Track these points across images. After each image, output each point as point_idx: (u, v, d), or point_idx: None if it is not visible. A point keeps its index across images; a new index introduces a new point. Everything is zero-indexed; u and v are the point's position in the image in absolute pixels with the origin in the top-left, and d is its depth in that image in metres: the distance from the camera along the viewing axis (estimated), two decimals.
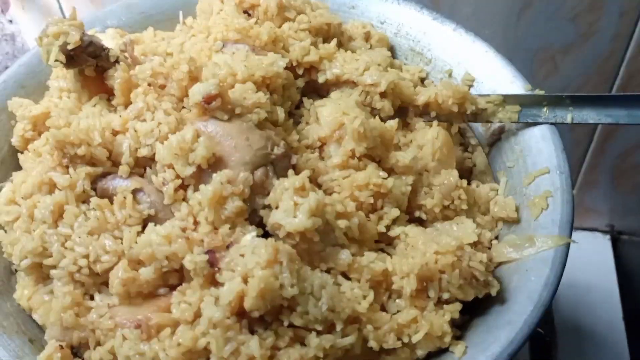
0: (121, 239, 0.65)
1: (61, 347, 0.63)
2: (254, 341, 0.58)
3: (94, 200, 0.66)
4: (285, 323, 0.60)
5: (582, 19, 1.12)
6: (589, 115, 0.75)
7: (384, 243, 0.70)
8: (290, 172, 0.68)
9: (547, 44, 1.17)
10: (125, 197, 0.66)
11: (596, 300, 1.41)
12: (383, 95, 0.77)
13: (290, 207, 0.63)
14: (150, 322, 0.61)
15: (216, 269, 0.61)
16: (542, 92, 0.78)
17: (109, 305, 0.64)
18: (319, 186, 0.70)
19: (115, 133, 0.70)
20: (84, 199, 0.68)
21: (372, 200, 0.68)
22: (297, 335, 0.60)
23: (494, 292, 0.65)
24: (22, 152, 0.78)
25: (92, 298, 0.66)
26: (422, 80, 0.90)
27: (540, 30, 1.15)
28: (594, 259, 1.45)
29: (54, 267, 0.66)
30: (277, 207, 0.65)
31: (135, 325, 0.61)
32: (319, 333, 0.60)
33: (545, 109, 0.76)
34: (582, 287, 1.41)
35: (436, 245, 0.64)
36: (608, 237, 1.49)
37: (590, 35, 1.14)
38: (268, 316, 0.60)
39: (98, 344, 0.63)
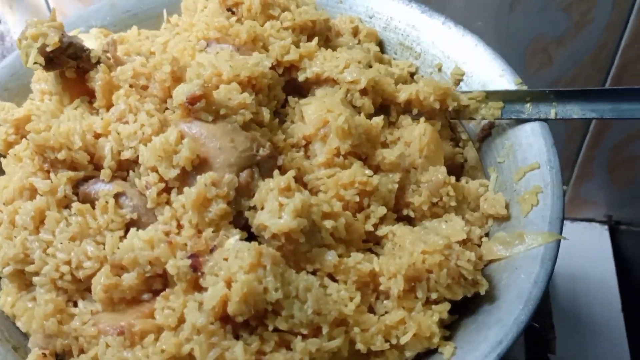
0: (103, 244, 0.64)
1: (44, 355, 0.62)
2: (238, 347, 0.57)
3: (76, 205, 0.65)
4: (270, 327, 0.59)
5: (575, 9, 1.11)
6: (573, 110, 0.74)
7: (372, 242, 0.69)
8: (276, 172, 0.67)
9: (540, 35, 1.15)
10: (107, 202, 0.65)
11: (594, 291, 1.40)
12: (364, 92, 0.75)
13: (275, 207, 0.62)
14: (134, 329, 0.60)
15: (199, 273, 0.60)
16: (524, 88, 0.77)
17: (92, 312, 0.64)
18: (305, 185, 0.69)
19: (97, 136, 0.69)
20: (65, 204, 0.67)
21: (358, 199, 0.67)
22: (282, 339, 0.59)
23: (482, 291, 0.64)
24: (4, 157, 0.77)
25: (75, 305, 0.66)
26: (412, 74, 0.89)
27: (533, 22, 1.14)
28: (592, 250, 1.44)
29: (37, 273, 0.65)
30: (262, 208, 0.64)
31: (119, 332, 0.60)
32: (304, 337, 0.59)
33: (528, 104, 0.75)
34: (580, 278, 1.40)
35: (423, 244, 0.63)
36: (606, 227, 1.48)
37: (583, 26, 1.13)
38: (253, 321, 0.59)
39: (81, 351, 0.62)
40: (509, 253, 0.67)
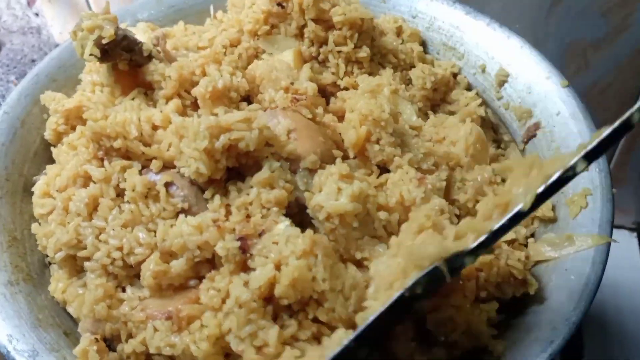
0: (155, 231, 0.65)
1: (96, 340, 0.62)
2: (273, 330, 0.57)
3: (129, 194, 0.66)
4: (310, 316, 0.59)
5: (614, 13, 1.10)
6: None
7: None
8: (338, 160, 0.68)
9: (578, 39, 1.15)
10: (159, 191, 0.66)
11: (623, 299, 1.39)
12: None
13: (334, 190, 0.63)
14: (181, 314, 0.60)
15: (248, 255, 0.61)
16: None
17: (140, 297, 0.64)
18: None
19: (155, 128, 0.70)
20: (118, 193, 0.67)
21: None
22: (319, 331, 0.60)
23: (532, 291, 0.64)
24: (54, 146, 0.79)
25: (124, 290, 0.66)
26: (455, 75, 0.89)
27: (570, 25, 1.13)
28: (620, 257, 1.42)
29: (88, 259, 0.66)
30: (320, 191, 0.64)
31: (167, 316, 0.60)
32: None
33: None
34: (608, 285, 1.38)
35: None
36: (635, 234, 1.47)
37: (622, 30, 1.12)
38: (295, 306, 0.59)
39: (130, 336, 0.63)
40: (558, 254, 0.67)
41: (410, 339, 0.63)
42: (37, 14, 1.44)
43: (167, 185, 0.67)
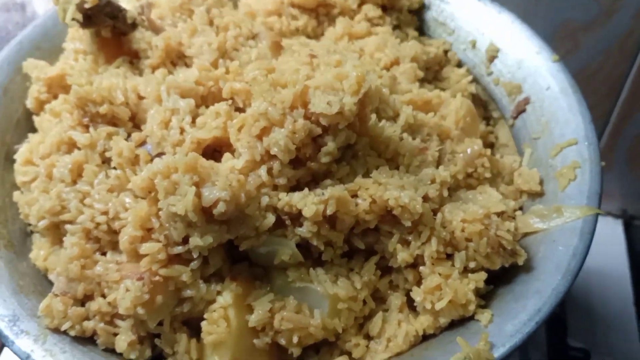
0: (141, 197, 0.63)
1: (55, 295, 0.61)
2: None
3: (115, 159, 0.65)
4: None
5: None
6: None
7: None
8: None
9: (569, 20, 1.14)
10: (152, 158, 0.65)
11: (607, 285, 1.39)
12: None
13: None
14: (154, 278, 0.59)
15: None
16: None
17: (118, 262, 0.63)
18: None
19: (140, 97, 0.68)
20: (103, 160, 0.66)
21: None
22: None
23: (521, 262, 0.63)
24: (37, 114, 0.77)
25: (104, 255, 0.65)
26: (446, 52, 0.88)
27: (561, 7, 1.13)
28: (606, 243, 1.44)
29: (71, 222, 0.65)
30: None
31: (138, 277, 0.59)
32: None
33: None
34: (593, 271, 1.40)
35: (463, 213, 0.63)
36: (620, 221, 1.48)
37: (612, 12, 1.12)
38: None
39: (102, 296, 0.62)
40: (546, 226, 0.66)
41: (398, 309, 0.63)
42: None
43: (159, 155, 0.66)
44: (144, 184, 0.58)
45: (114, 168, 0.65)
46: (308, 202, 0.59)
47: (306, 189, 0.61)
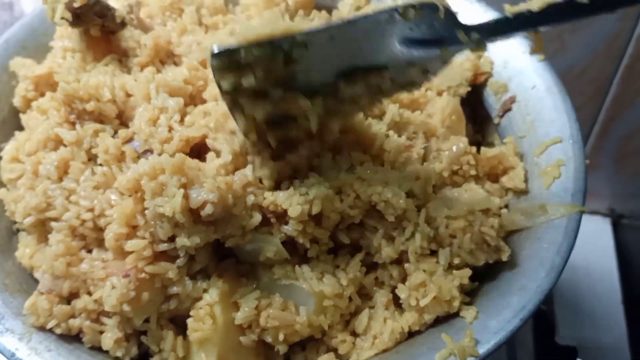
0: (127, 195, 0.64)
1: (40, 293, 0.61)
2: None
3: (102, 156, 0.65)
4: None
5: None
6: None
7: None
8: None
9: None
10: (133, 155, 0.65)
11: (596, 283, 1.40)
12: None
13: None
14: (140, 275, 0.59)
15: None
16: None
17: (104, 259, 0.63)
18: None
19: (128, 95, 0.68)
20: (90, 157, 0.66)
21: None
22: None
23: (505, 257, 0.64)
24: (23, 113, 0.77)
25: (90, 252, 0.65)
26: None
27: None
28: (594, 242, 1.45)
29: (57, 220, 0.64)
30: None
31: (124, 274, 0.59)
32: None
33: None
34: (582, 270, 1.41)
35: (447, 209, 0.63)
36: (609, 220, 1.49)
37: None
38: None
39: (88, 294, 0.62)
40: (531, 223, 0.67)
41: (384, 307, 0.64)
42: None
43: (146, 152, 0.66)
44: (129, 184, 0.58)
45: (100, 165, 0.65)
46: (293, 203, 0.59)
47: (291, 188, 0.61)
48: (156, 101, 0.68)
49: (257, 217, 0.60)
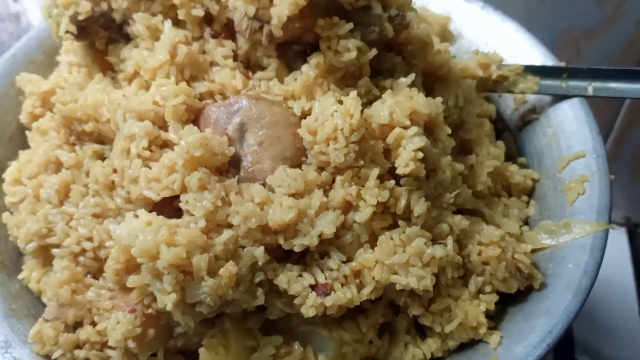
0: None
1: (46, 320, 0.59)
2: None
3: (93, 186, 0.62)
4: None
5: (608, 1, 1.08)
6: (610, 89, 0.73)
7: None
8: None
9: (571, 27, 1.13)
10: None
11: (612, 294, 1.38)
12: None
13: None
14: (147, 311, 0.57)
15: None
16: (562, 64, 0.76)
17: (110, 288, 0.60)
18: None
19: None
20: None
21: None
22: None
23: (537, 285, 0.61)
24: (30, 130, 0.75)
25: (95, 278, 0.63)
26: None
27: (563, 14, 1.11)
28: (609, 252, 1.41)
29: (58, 246, 0.62)
30: None
31: (130, 309, 0.57)
32: None
33: (564, 82, 0.74)
34: (598, 281, 1.37)
35: (478, 235, 0.61)
36: (624, 229, 1.46)
37: (615, 19, 1.10)
38: None
39: (93, 324, 0.60)
40: (555, 242, 0.64)
41: (405, 331, 0.61)
42: (15, 0, 1.39)
43: None
44: (124, 257, 0.56)
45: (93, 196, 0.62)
46: (308, 303, 0.56)
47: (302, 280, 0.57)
48: (124, 130, 0.61)
49: (261, 298, 0.57)
